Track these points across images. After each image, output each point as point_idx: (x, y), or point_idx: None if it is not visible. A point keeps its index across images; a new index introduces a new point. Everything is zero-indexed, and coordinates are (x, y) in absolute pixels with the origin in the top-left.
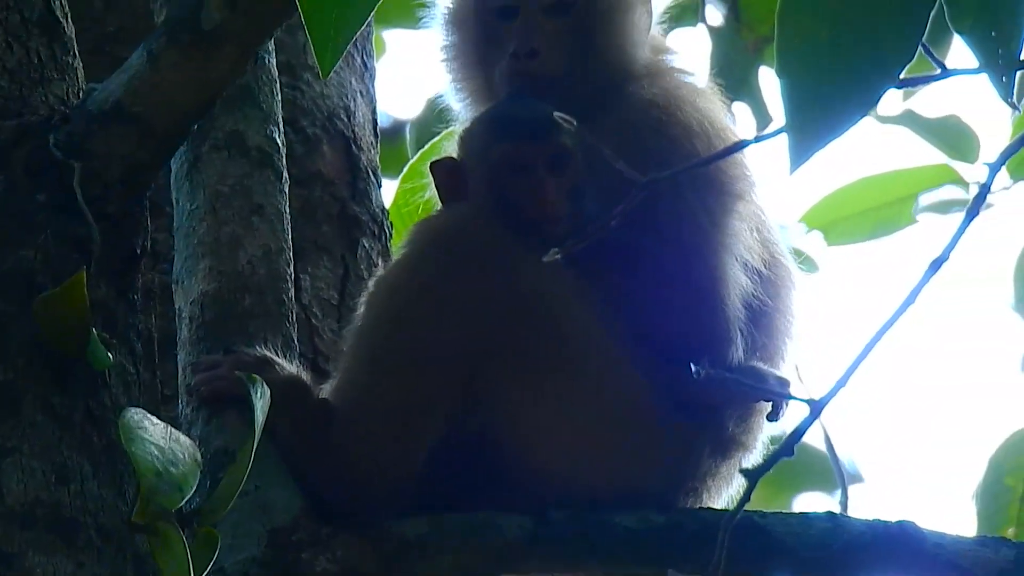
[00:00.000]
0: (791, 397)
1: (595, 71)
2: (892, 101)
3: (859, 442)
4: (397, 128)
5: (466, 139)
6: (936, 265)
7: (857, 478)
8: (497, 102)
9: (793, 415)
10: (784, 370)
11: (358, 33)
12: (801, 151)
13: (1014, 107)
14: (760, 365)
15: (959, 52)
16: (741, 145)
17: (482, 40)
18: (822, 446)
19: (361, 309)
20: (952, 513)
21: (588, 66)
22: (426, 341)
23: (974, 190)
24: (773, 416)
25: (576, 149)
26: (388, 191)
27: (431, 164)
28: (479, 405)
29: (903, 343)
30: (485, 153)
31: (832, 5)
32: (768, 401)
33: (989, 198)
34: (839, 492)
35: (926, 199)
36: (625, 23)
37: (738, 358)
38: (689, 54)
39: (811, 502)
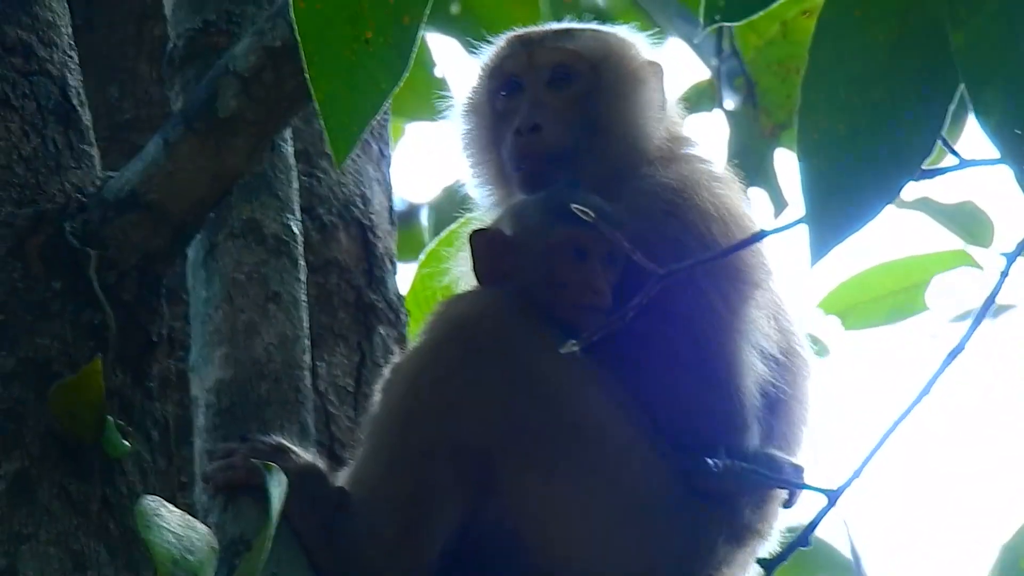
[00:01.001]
0: (807, 487)
1: (604, 149)
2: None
3: (874, 529)
4: (413, 212)
5: (522, 215)
6: (952, 355)
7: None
8: (554, 188)
9: (809, 503)
10: (800, 457)
11: (371, 122)
12: (822, 243)
13: None
14: (776, 453)
15: (972, 131)
16: (760, 236)
17: (493, 122)
18: (831, 535)
19: (377, 397)
20: None
21: (597, 143)
22: (442, 431)
23: (990, 275)
24: (789, 504)
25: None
26: (404, 275)
27: (473, 233)
28: (495, 494)
29: (919, 429)
30: (546, 232)
31: (852, 98)
32: (784, 489)
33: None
34: None
35: (942, 285)
36: (634, 98)
37: (754, 445)
38: (706, 139)
39: None
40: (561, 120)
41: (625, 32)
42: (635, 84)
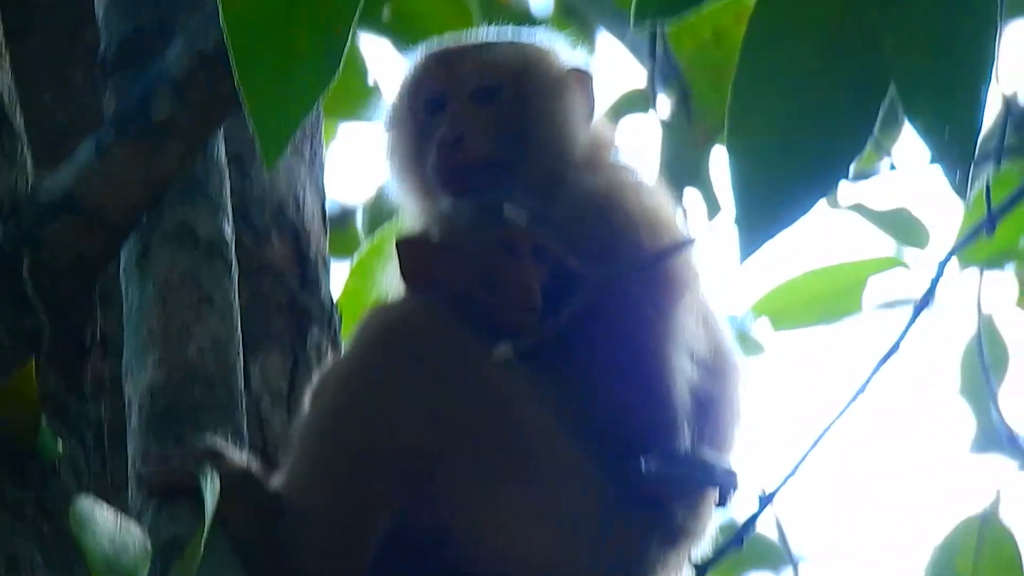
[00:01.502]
0: (740, 489)
1: (530, 158)
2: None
3: (806, 526)
4: (347, 214)
5: (452, 218)
6: (886, 357)
7: (802, 559)
8: (485, 193)
9: (742, 501)
10: (732, 459)
11: (302, 126)
12: (750, 242)
13: (966, 203)
14: (708, 454)
15: (908, 137)
16: (689, 241)
17: (415, 136)
18: (766, 527)
19: (309, 401)
20: None
21: (521, 154)
22: (372, 437)
23: (923, 273)
24: (721, 503)
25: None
26: (339, 276)
27: (399, 242)
28: (428, 496)
29: (853, 428)
30: (479, 232)
31: (783, 102)
32: (716, 490)
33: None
34: (787, 571)
35: (877, 290)
36: (558, 109)
37: (686, 447)
38: (639, 142)
39: None
40: (484, 132)
41: (548, 40)
42: (558, 93)
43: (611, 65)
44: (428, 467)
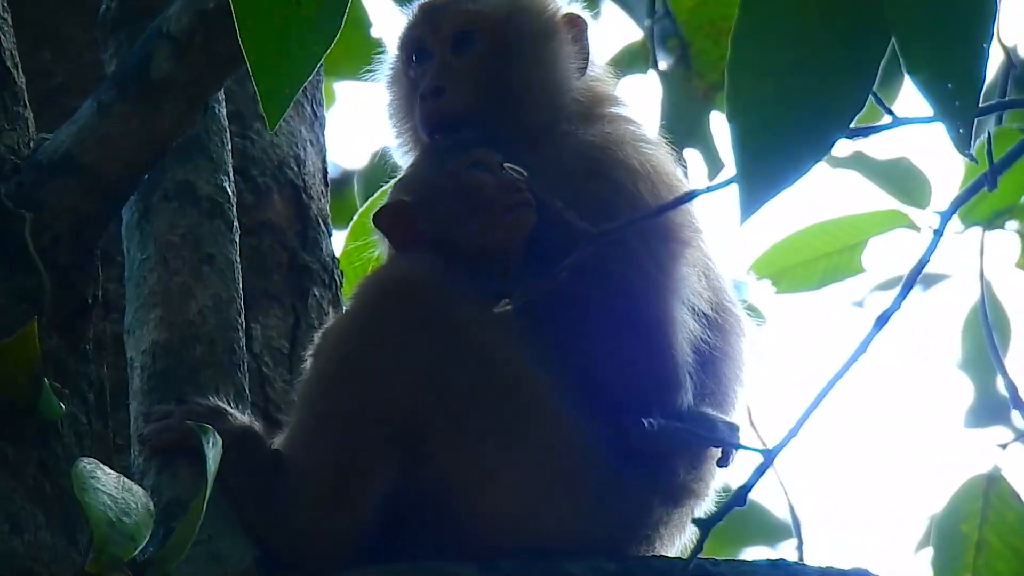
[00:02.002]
0: (743, 447)
1: (516, 107)
2: (843, 145)
3: (807, 490)
4: (345, 179)
5: (415, 171)
6: (885, 317)
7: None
8: (445, 139)
9: (744, 462)
10: (734, 416)
11: (305, 84)
12: (752, 201)
13: (970, 158)
14: (710, 412)
15: (909, 93)
16: (691, 195)
17: (407, 91)
18: (765, 499)
19: (309, 362)
20: (896, 562)
21: (506, 102)
22: (372, 395)
23: (925, 234)
24: (723, 462)
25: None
26: (337, 241)
27: (374, 215)
28: (428, 456)
29: (853, 392)
30: (441, 167)
31: (782, 55)
32: (719, 448)
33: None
34: (783, 545)
35: (878, 246)
36: (544, 54)
37: (688, 403)
38: (639, 101)
39: (756, 555)
40: (465, 83)
41: None
42: (545, 40)
43: (608, 26)
44: (426, 427)
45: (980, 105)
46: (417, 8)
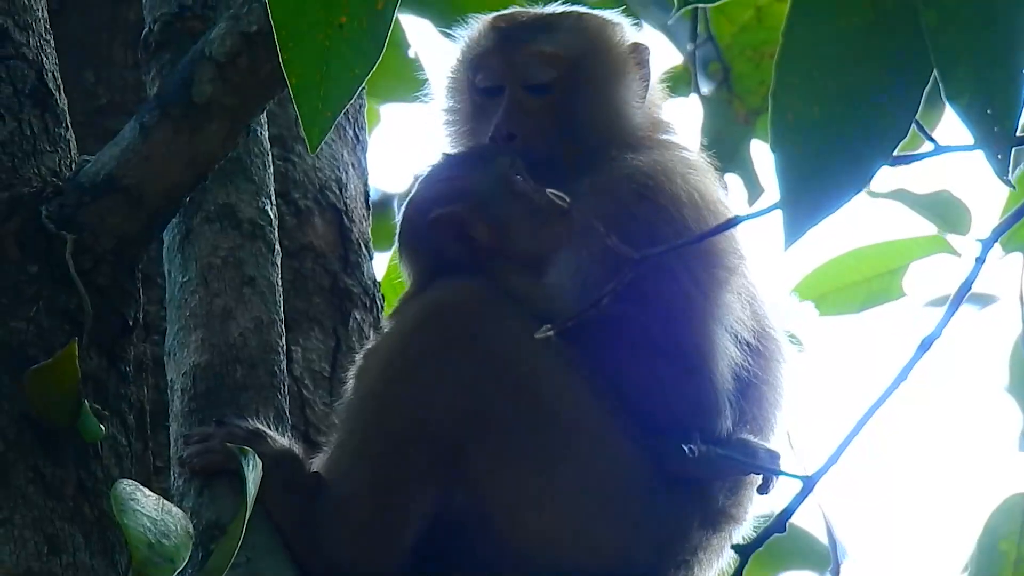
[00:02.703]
0: (783, 473)
1: (582, 140)
2: (884, 173)
3: (849, 517)
4: (386, 201)
5: (463, 181)
6: (927, 343)
7: (844, 554)
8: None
9: (783, 488)
10: (774, 442)
11: (346, 107)
12: (795, 227)
13: (1009, 184)
14: (750, 438)
15: (950, 121)
16: (735, 221)
17: (472, 113)
18: (807, 523)
19: (350, 384)
20: None
21: (575, 139)
22: (414, 418)
23: (966, 261)
24: (763, 489)
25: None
26: (379, 263)
27: (431, 222)
28: (468, 479)
29: (895, 418)
30: (491, 182)
31: (826, 82)
32: (758, 475)
33: (983, 285)
34: (825, 571)
35: (919, 273)
36: (614, 89)
37: (727, 429)
38: (681, 124)
39: None
40: (537, 128)
41: (607, 17)
42: (617, 75)
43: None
44: (467, 450)
45: (1020, 132)
46: (490, 27)
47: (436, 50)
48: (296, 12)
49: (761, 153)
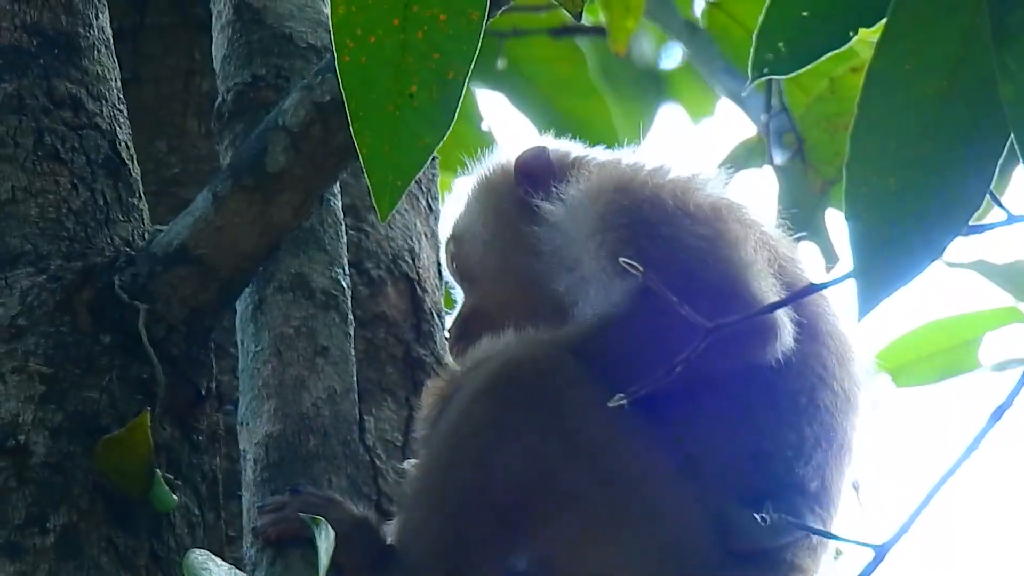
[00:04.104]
0: (855, 542)
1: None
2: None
3: None
4: None
5: None
6: (999, 412)
7: None
8: None
9: (857, 558)
10: (841, 493)
11: (416, 176)
12: (870, 297)
13: None
14: (797, 500)
15: (1021, 185)
16: (811, 290)
17: None
18: None
19: (418, 444)
20: None
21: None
22: (481, 480)
23: None
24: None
25: None
26: None
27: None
28: (534, 545)
29: (969, 488)
30: None
31: (901, 153)
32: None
33: None
34: None
35: (994, 344)
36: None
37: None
38: (756, 195)
39: None
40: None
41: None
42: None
43: (727, 122)
44: (533, 514)
45: None
46: None
47: (509, 123)
48: (366, 82)
49: (836, 221)
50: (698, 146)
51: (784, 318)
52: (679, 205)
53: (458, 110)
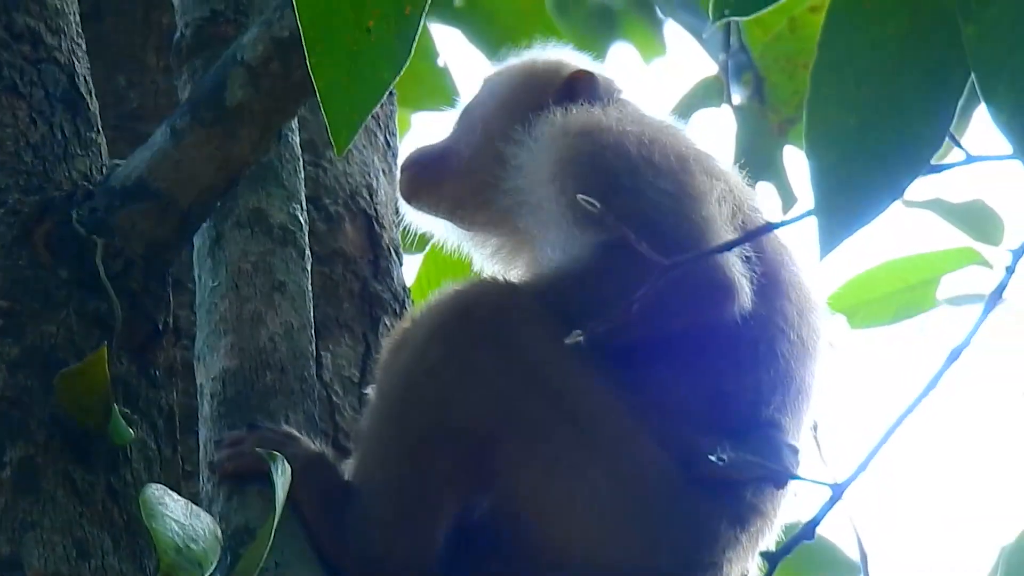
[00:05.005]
0: (812, 480)
1: None
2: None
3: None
4: None
5: None
6: (956, 353)
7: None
8: None
9: (811, 495)
10: (800, 434)
11: (374, 111)
12: (831, 236)
13: None
14: (775, 434)
15: (980, 126)
16: (768, 228)
17: None
18: (832, 533)
19: (376, 381)
20: None
21: None
22: (438, 418)
23: (998, 271)
24: (779, 484)
25: None
26: (409, 268)
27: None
28: (495, 482)
29: (924, 428)
30: None
31: (861, 92)
32: (788, 478)
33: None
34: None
35: (951, 284)
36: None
37: (759, 416)
38: (713, 135)
39: None
40: None
41: None
42: None
43: (682, 58)
44: (494, 451)
45: None
46: None
47: (465, 59)
48: (324, 16)
49: (795, 162)
50: (651, 85)
51: (742, 279)
52: (644, 154)
53: (415, 45)
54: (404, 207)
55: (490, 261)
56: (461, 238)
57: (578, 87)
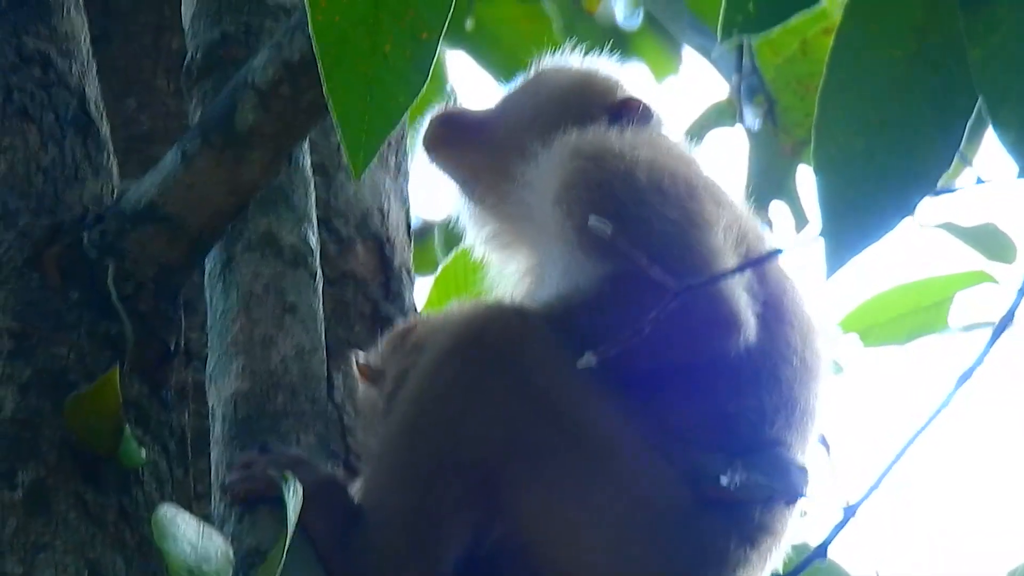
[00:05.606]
0: (824, 500)
1: None
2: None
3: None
4: (427, 229)
5: None
6: (968, 374)
7: None
8: None
9: (822, 513)
10: (807, 452)
11: (389, 135)
12: (837, 256)
13: None
14: (783, 453)
15: (990, 146)
16: (776, 252)
17: None
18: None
19: (384, 409)
20: None
21: None
22: (448, 445)
23: (1010, 293)
24: (790, 503)
25: None
26: (420, 290)
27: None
28: (504, 508)
29: (936, 448)
30: None
31: (869, 114)
32: (797, 497)
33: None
34: None
35: (963, 304)
36: None
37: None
38: (726, 156)
39: None
40: None
41: None
42: None
43: (695, 79)
44: (503, 477)
45: None
46: None
47: (471, 81)
48: (340, 41)
49: (807, 183)
50: (664, 105)
51: (747, 311)
52: (652, 181)
53: (431, 69)
54: (423, 157)
55: (484, 243)
56: (463, 208)
57: (627, 113)
